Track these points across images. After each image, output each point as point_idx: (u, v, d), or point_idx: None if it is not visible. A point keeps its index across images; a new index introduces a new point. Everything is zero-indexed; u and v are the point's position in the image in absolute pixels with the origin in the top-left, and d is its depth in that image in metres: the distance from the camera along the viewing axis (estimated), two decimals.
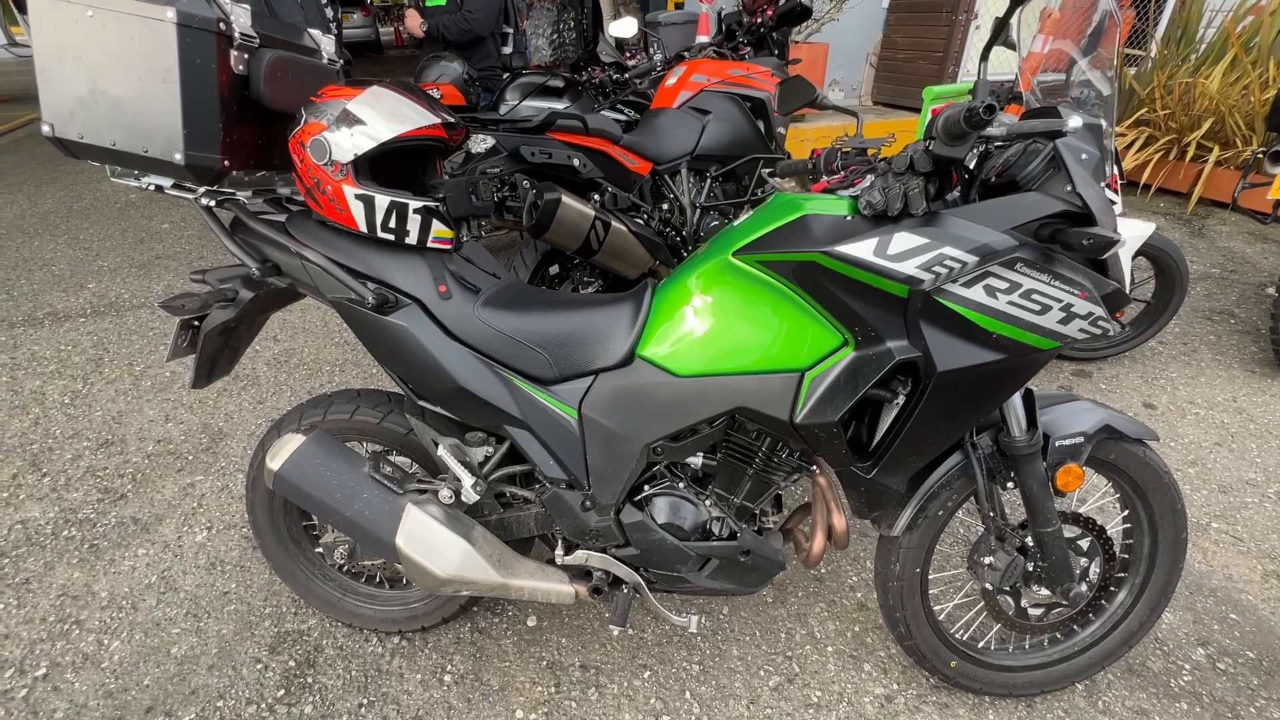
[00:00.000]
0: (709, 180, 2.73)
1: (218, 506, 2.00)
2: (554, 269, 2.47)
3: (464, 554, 1.20)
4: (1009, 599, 1.33)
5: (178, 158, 1.06)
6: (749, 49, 2.92)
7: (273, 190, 1.29)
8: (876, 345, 1.03)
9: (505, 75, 3.27)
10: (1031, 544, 1.26)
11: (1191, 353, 2.78)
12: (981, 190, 1.06)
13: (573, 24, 7.50)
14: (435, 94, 3.00)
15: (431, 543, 1.19)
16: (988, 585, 1.28)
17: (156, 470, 2.15)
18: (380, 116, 1.09)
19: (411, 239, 1.15)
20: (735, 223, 1.17)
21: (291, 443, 1.20)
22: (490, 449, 1.27)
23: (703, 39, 4.78)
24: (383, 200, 1.11)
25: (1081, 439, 1.18)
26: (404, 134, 1.10)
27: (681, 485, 1.25)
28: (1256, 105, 4.23)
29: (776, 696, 1.46)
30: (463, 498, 1.23)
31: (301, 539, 1.53)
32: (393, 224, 1.13)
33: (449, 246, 1.20)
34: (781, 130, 2.86)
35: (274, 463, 1.18)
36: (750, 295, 1.08)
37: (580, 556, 1.29)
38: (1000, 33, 1.00)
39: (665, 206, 2.60)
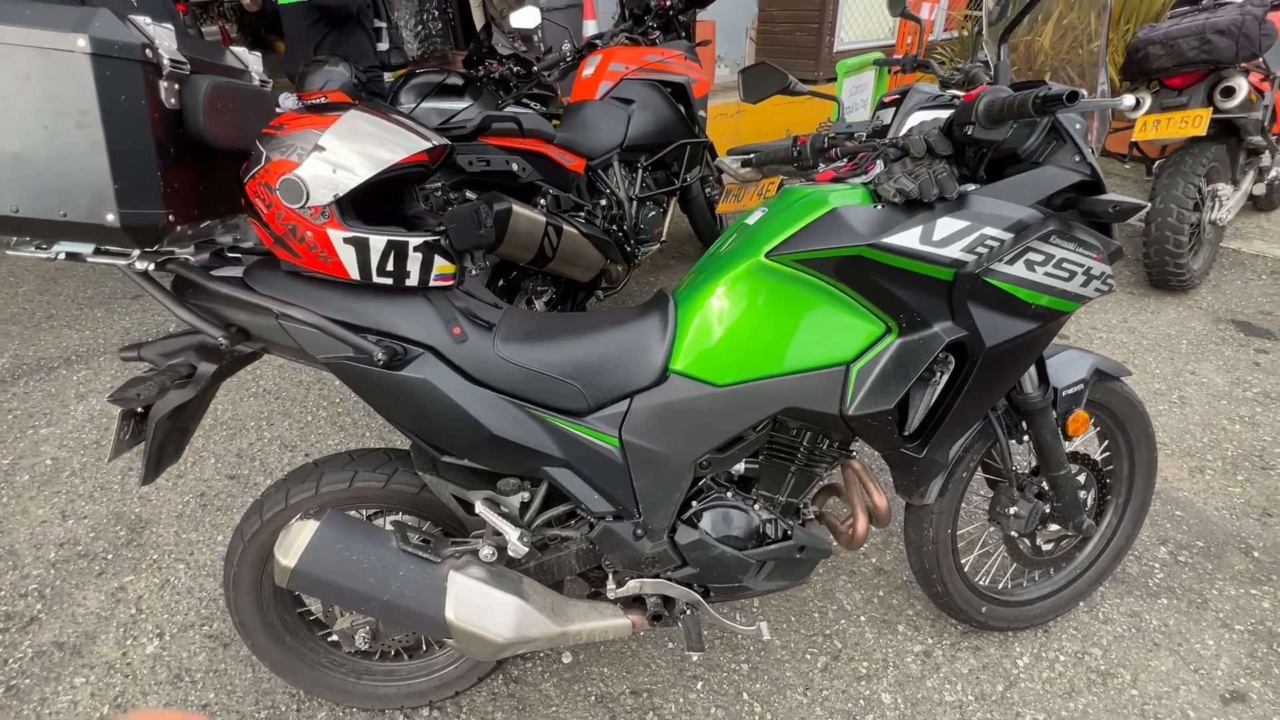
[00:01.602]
0: (640, 171, 2.68)
1: (163, 607, 1.72)
2: (500, 282, 2.33)
3: (520, 612, 1.11)
4: (1026, 540, 1.43)
5: (110, 219, 0.86)
6: (658, 33, 2.87)
7: (212, 241, 1.10)
8: (923, 330, 1.04)
9: (402, 77, 3.01)
10: (1047, 488, 1.36)
11: None
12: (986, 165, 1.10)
13: (437, 14, 7.05)
14: (323, 102, 2.71)
15: (484, 608, 1.08)
16: (1013, 533, 1.37)
17: (69, 580, 1.81)
18: (363, 148, 0.94)
19: (412, 280, 1.02)
20: (750, 222, 1.14)
21: (303, 531, 1.04)
22: (526, 495, 1.17)
23: (589, 24, 4.68)
24: (378, 241, 0.97)
25: (1082, 385, 1.28)
26: (392, 165, 0.96)
27: (730, 494, 1.22)
28: (1084, 55, 4.78)
29: (828, 676, 1.49)
30: (510, 552, 1.13)
31: (299, 629, 1.35)
32: (391, 266, 0.99)
33: (452, 283, 1.08)
34: (702, 113, 2.86)
35: (288, 558, 1.02)
36: (788, 295, 1.06)
37: (633, 586, 1.23)
38: (1021, 17, 1.03)
39: (604, 203, 2.53)
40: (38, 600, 1.75)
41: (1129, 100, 0.88)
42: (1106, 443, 1.50)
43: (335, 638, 1.30)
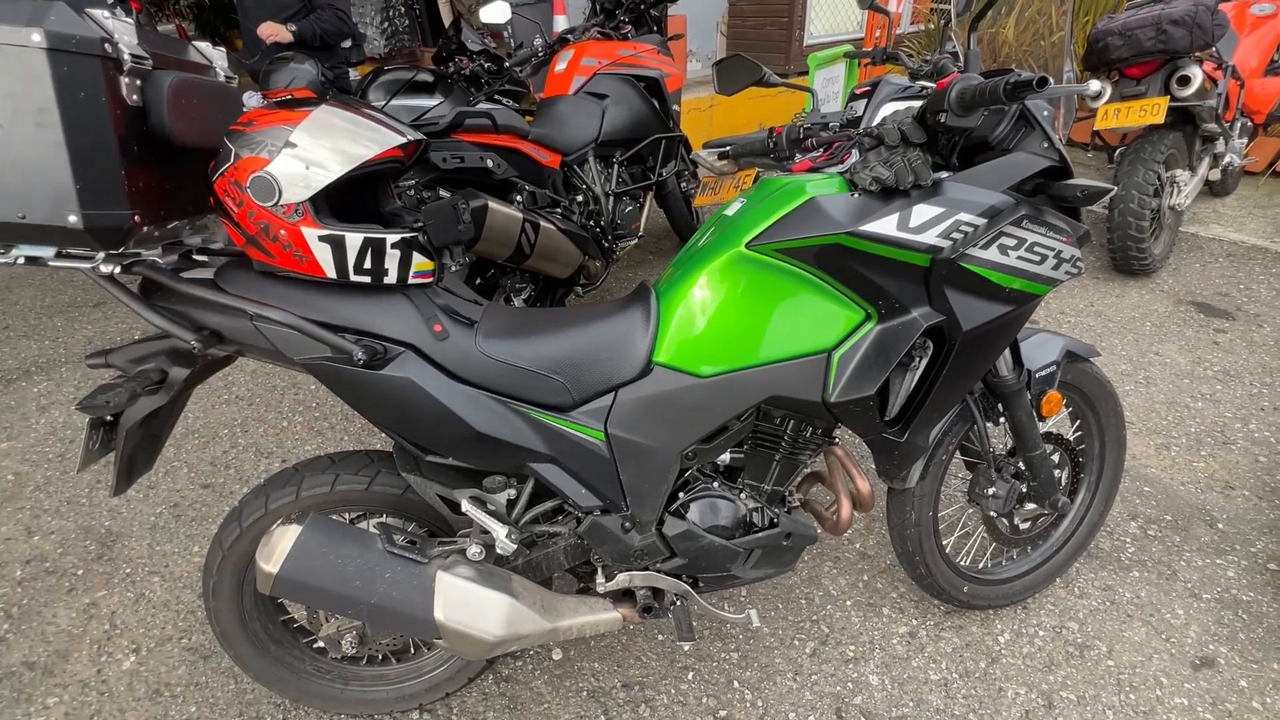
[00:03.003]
0: (616, 166, 2.67)
1: (138, 622, 1.67)
2: (477, 280, 2.30)
3: (510, 610, 1.10)
4: (1005, 520, 1.47)
5: (73, 220, 0.83)
6: (630, 27, 2.87)
7: (179, 242, 1.07)
8: (901, 315, 1.06)
9: (370, 73, 2.96)
10: (1023, 468, 1.39)
11: None
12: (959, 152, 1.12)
13: (403, 10, 6.94)
14: (292, 98, 2.65)
15: (474, 607, 1.08)
16: (992, 513, 1.40)
17: (37, 598, 1.75)
18: (336, 143, 0.93)
19: (391, 277, 1.00)
20: (729, 214, 1.15)
21: (285, 535, 1.02)
22: (513, 492, 1.16)
23: (560, 19, 4.65)
24: (354, 239, 0.95)
25: (1055, 367, 1.31)
26: (366, 160, 0.94)
27: (716, 485, 1.23)
28: (1046, 47, 4.89)
29: (816, 661, 1.51)
30: (498, 549, 1.12)
31: (283, 637, 1.32)
32: (368, 264, 0.97)
33: (431, 280, 1.06)
34: (676, 108, 2.87)
35: (270, 564, 1.00)
36: (768, 284, 1.07)
37: (622, 579, 1.24)
38: (990, 6, 1.04)
39: (580, 198, 2.52)
40: (4, 620, 1.69)
41: (1095, 85, 0.91)
42: (1078, 422, 1.54)
43: (321, 644, 1.28)
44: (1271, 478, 1.94)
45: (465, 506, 1.10)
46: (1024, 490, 1.41)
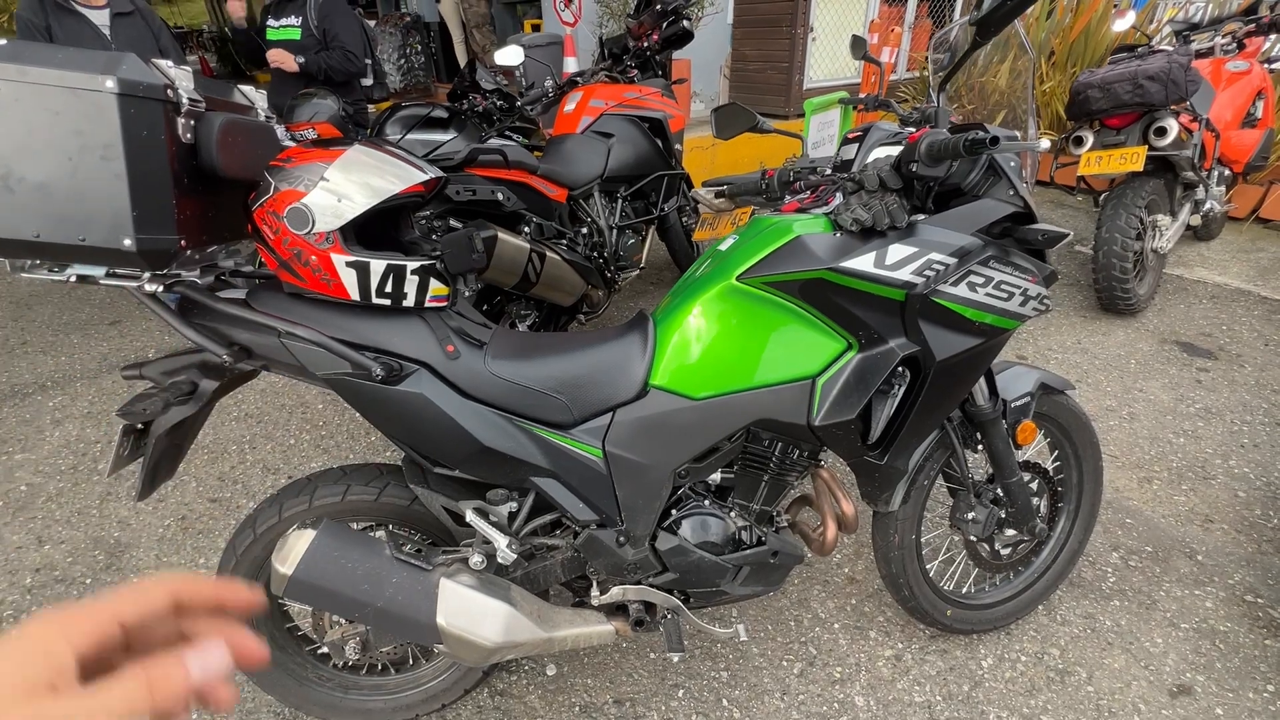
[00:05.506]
0: (620, 201, 2.80)
1: None
2: (484, 306, 2.40)
3: (508, 618, 1.16)
4: (986, 545, 1.52)
5: (127, 244, 0.92)
6: (636, 71, 3.02)
7: (215, 264, 1.16)
8: (880, 345, 1.14)
9: (389, 109, 3.12)
10: (1001, 494, 1.45)
11: None
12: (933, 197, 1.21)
13: (419, 48, 7.23)
14: (311, 133, 2.79)
15: (474, 614, 1.13)
16: (972, 537, 1.46)
17: (45, 605, 1.79)
18: (365, 180, 1.02)
19: (409, 301, 1.09)
20: (723, 248, 1.24)
21: (300, 539, 1.08)
22: (515, 504, 1.22)
23: (570, 61, 4.86)
24: (378, 265, 1.04)
25: (1029, 398, 1.39)
26: (392, 195, 1.04)
27: (707, 502, 1.29)
28: (1036, 95, 5.09)
29: (803, 681, 1.55)
30: (498, 559, 1.18)
31: (288, 644, 1.37)
32: (389, 288, 1.06)
33: (446, 304, 1.15)
34: (679, 147, 3.00)
35: (285, 566, 1.06)
36: (758, 314, 1.15)
37: (616, 593, 1.29)
38: (956, 70, 1.15)
39: (585, 230, 2.63)
40: (13, 625, 1.73)
41: (1045, 143, 1.01)
42: (1057, 453, 1.60)
43: (324, 650, 1.32)
44: (1250, 513, 2.00)
45: (469, 517, 1.17)
46: (1002, 516, 1.47)
